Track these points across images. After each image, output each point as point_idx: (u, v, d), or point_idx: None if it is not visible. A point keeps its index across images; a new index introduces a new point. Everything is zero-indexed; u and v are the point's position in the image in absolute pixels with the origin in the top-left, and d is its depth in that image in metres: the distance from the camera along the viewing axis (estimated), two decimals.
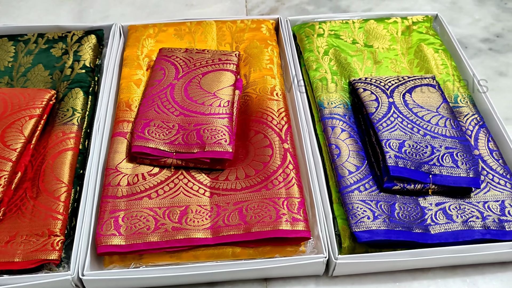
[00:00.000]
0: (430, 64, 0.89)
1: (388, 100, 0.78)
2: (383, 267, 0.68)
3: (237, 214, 0.68)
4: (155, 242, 0.65)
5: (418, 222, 0.68)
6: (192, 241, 0.66)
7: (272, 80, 0.84)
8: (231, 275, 0.67)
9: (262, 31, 0.94)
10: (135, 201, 0.69)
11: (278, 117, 0.79)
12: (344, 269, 0.67)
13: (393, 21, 0.97)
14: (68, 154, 0.74)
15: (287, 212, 0.67)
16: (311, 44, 0.91)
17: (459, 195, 0.72)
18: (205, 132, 0.73)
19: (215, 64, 0.83)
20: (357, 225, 0.66)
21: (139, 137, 0.73)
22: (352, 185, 0.70)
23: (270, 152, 0.74)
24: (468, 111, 0.82)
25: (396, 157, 0.70)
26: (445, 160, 0.72)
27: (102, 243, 0.65)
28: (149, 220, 0.67)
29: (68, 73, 0.85)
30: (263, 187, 0.70)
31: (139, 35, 0.92)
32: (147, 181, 0.71)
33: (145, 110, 0.77)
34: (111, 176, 0.71)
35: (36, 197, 0.69)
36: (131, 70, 0.86)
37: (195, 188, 0.71)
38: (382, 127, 0.74)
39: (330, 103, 0.81)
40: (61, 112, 0.79)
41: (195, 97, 0.78)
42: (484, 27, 1.06)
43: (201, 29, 0.94)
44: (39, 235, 0.65)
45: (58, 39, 0.91)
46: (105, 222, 0.66)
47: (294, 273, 0.69)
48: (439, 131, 0.75)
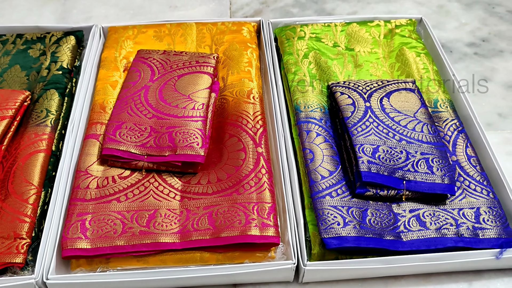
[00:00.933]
0: (411, 68, 0.88)
1: (365, 104, 0.77)
2: (354, 274, 0.67)
3: (206, 219, 0.67)
4: (122, 246, 0.65)
5: (390, 229, 0.67)
6: (159, 245, 0.65)
7: (250, 83, 0.83)
8: (199, 280, 0.66)
9: (243, 34, 0.93)
10: (103, 204, 0.68)
11: (254, 121, 0.78)
12: (313, 275, 0.66)
13: (375, 24, 0.96)
14: (39, 156, 0.73)
15: (257, 217, 0.67)
16: (291, 47, 0.90)
17: (434, 202, 0.71)
18: (177, 135, 0.73)
19: (192, 67, 0.83)
20: (326, 231, 0.65)
21: (110, 140, 0.72)
22: (324, 190, 0.69)
23: (243, 156, 0.73)
24: (448, 116, 0.81)
25: (369, 163, 0.69)
26: (420, 166, 0.71)
27: (68, 246, 0.64)
28: (116, 224, 0.66)
29: (44, 74, 0.84)
30: (234, 191, 0.70)
31: (118, 37, 0.91)
32: (117, 184, 0.70)
33: (118, 112, 0.76)
34: (80, 179, 0.70)
35: (4, 199, 0.68)
36: (108, 72, 0.85)
37: (165, 191, 0.70)
38: (357, 132, 0.73)
39: (306, 107, 0.80)
40: (35, 113, 0.78)
41: (169, 99, 0.77)
42: (470, 31, 1.05)
43: (181, 31, 0.93)
44: (4, 238, 0.65)
45: (37, 39, 0.91)
46: (71, 225, 0.66)
47: (263, 279, 0.68)
48: (415, 136, 0.74)
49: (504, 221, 0.68)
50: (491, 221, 0.68)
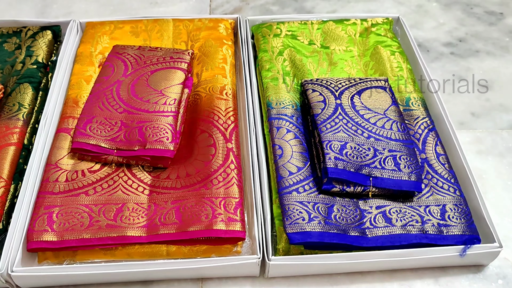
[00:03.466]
0: (385, 67, 0.88)
1: (335, 101, 0.78)
2: (319, 269, 0.68)
3: (173, 213, 0.68)
4: (88, 239, 0.65)
5: (356, 225, 0.68)
6: (125, 238, 0.65)
7: (224, 79, 0.84)
8: (165, 274, 0.66)
9: (219, 30, 0.93)
10: (71, 198, 0.68)
11: (225, 117, 0.78)
12: (278, 270, 0.67)
13: (352, 23, 0.96)
14: (10, 149, 0.73)
15: (223, 212, 0.67)
16: (266, 44, 0.91)
17: (401, 199, 0.71)
18: (147, 130, 0.73)
19: (166, 62, 0.83)
20: (291, 226, 0.65)
21: (80, 134, 0.73)
22: (291, 186, 0.70)
23: (213, 151, 0.73)
24: (419, 114, 0.81)
25: (336, 159, 0.70)
26: (387, 163, 0.71)
27: (34, 239, 0.64)
28: (83, 217, 0.67)
29: (18, 68, 0.84)
30: (202, 186, 0.70)
31: (94, 32, 0.92)
32: (86, 178, 0.71)
33: (89, 106, 0.76)
34: (50, 172, 0.71)
35: None
36: (83, 67, 0.85)
37: (134, 186, 0.71)
38: (326, 129, 0.74)
39: (278, 104, 0.80)
40: (7, 107, 0.78)
41: (141, 94, 0.77)
42: (447, 31, 1.06)
43: (158, 27, 0.94)
44: None
45: (13, 33, 0.91)
46: (38, 218, 0.66)
47: (230, 273, 0.68)
48: (384, 134, 0.74)
49: (469, 218, 0.69)
50: (456, 218, 0.69)
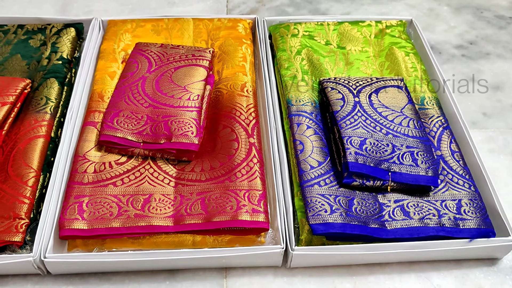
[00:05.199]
0: (400, 67, 0.91)
1: (354, 99, 0.80)
2: (339, 260, 0.70)
3: (199, 204, 0.70)
4: (117, 227, 0.67)
5: (375, 217, 0.70)
6: (153, 228, 0.68)
7: (244, 77, 0.86)
8: (191, 263, 0.68)
9: (238, 30, 0.96)
10: (100, 188, 0.70)
11: (247, 113, 0.81)
12: (300, 260, 0.69)
13: (367, 24, 0.99)
14: (39, 141, 0.75)
15: (248, 204, 0.69)
16: (284, 43, 0.93)
17: (418, 194, 0.74)
18: (173, 124, 0.75)
19: (188, 60, 0.85)
20: (313, 218, 0.68)
21: (107, 127, 0.75)
22: (313, 179, 0.72)
23: (236, 146, 0.76)
24: (434, 113, 0.84)
25: (356, 154, 0.72)
26: (405, 158, 0.74)
27: (65, 226, 0.66)
28: (112, 207, 0.69)
29: (44, 64, 0.87)
30: (226, 179, 0.72)
31: (117, 30, 0.94)
32: (114, 169, 0.73)
33: (115, 101, 0.79)
34: (78, 163, 0.73)
35: (4, 181, 0.71)
36: (107, 63, 0.88)
37: (160, 178, 0.73)
38: (346, 125, 0.76)
39: (298, 101, 0.83)
40: (34, 100, 0.81)
41: (165, 90, 0.80)
42: (458, 34, 1.08)
43: (178, 26, 0.96)
44: (4, 218, 0.67)
45: (38, 30, 0.93)
46: (69, 207, 0.68)
47: (253, 263, 0.70)
48: (401, 131, 0.77)
49: (484, 213, 0.72)
50: (472, 212, 0.71)
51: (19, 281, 0.68)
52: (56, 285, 0.68)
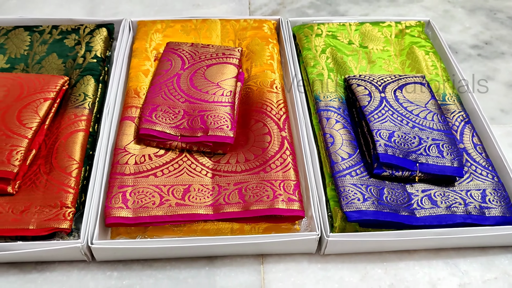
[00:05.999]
0: (421, 65, 0.95)
1: (380, 95, 0.84)
2: (371, 246, 0.73)
3: (236, 194, 0.73)
4: (160, 216, 0.70)
5: (405, 205, 0.73)
6: (194, 216, 0.71)
7: (272, 74, 0.90)
8: (229, 249, 0.71)
9: (264, 30, 0.99)
10: (141, 178, 0.74)
11: (277, 108, 0.84)
12: (335, 247, 0.72)
13: (387, 25, 1.03)
14: (79, 134, 0.78)
15: (283, 193, 0.72)
16: (309, 43, 0.97)
17: (444, 184, 0.77)
18: (209, 118, 0.79)
19: (219, 58, 0.89)
20: (348, 206, 0.71)
21: (146, 121, 0.78)
22: (345, 170, 0.75)
23: (268, 139, 0.79)
24: (455, 109, 0.87)
25: (386, 146, 0.76)
26: (432, 150, 0.77)
27: (111, 214, 0.69)
28: (154, 196, 0.72)
29: (80, 62, 0.90)
30: (261, 170, 0.76)
31: (147, 30, 0.98)
32: (153, 161, 0.76)
33: (152, 96, 0.82)
34: (119, 155, 0.76)
35: (49, 173, 0.74)
36: (140, 61, 0.91)
37: (198, 169, 0.76)
38: (374, 119, 0.79)
39: (326, 97, 0.86)
40: (73, 96, 0.84)
41: (199, 86, 0.83)
42: (473, 34, 1.12)
43: (206, 26, 1.00)
44: (51, 206, 0.70)
45: (71, 31, 0.97)
46: (113, 196, 0.71)
47: (288, 249, 0.73)
48: (427, 124, 0.80)
49: (508, 202, 0.75)
50: (496, 201, 0.75)
51: (65, 267, 0.71)
52: (100, 271, 0.71)
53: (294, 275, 0.72)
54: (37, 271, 0.71)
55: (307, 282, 0.71)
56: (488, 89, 1.00)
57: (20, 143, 0.74)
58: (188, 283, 0.70)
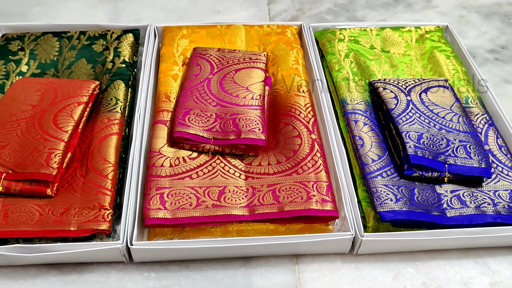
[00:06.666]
0: (442, 69, 0.96)
1: (406, 98, 0.85)
2: (403, 246, 0.75)
3: (270, 195, 0.74)
4: (198, 217, 0.71)
5: (436, 206, 0.75)
6: (231, 217, 0.72)
7: (298, 78, 0.92)
8: (265, 250, 0.73)
9: (287, 35, 1.01)
10: (177, 180, 0.75)
11: (305, 111, 0.86)
12: (369, 246, 0.73)
13: (407, 30, 1.05)
14: (113, 138, 0.80)
15: (317, 194, 0.74)
16: (333, 47, 0.99)
17: (472, 185, 0.78)
18: (241, 121, 0.80)
19: (246, 62, 0.90)
20: (381, 206, 0.72)
21: (180, 124, 0.79)
22: (376, 171, 0.77)
23: (299, 142, 0.81)
24: (478, 111, 0.89)
25: (415, 147, 0.77)
26: (459, 151, 0.79)
27: (150, 216, 0.71)
28: (191, 197, 0.73)
29: (109, 67, 0.92)
30: (293, 172, 0.77)
31: (174, 35, 0.99)
32: (188, 164, 0.77)
33: (184, 100, 0.83)
34: (154, 158, 0.77)
35: (85, 175, 0.75)
36: (168, 66, 0.93)
37: (231, 171, 0.78)
38: (402, 121, 0.81)
39: (352, 100, 0.88)
40: (105, 101, 0.85)
41: (230, 90, 0.85)
42: (490, 39, 1.14)
43: (231, 32, 1.02)
44: (90, 208, 0.71)
45: (99, 36, 0.98)
46: (151, 198, 0.72)
47: (322, 250, 0.75)
48: (453, 126, 0.82)
49: None
50: None
51: (104, 268, 0.72)
52: (138, 272, 0.72)
53: (329, 275, 0.73)
54: (76, 272, 0.72)
55: (341, 282, 0.72)
56: (507, 92, 1.01)
57: (58, 146, 0.75)
58: (225, 283, 0.72)
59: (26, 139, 0.76)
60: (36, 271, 0.72)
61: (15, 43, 0.96)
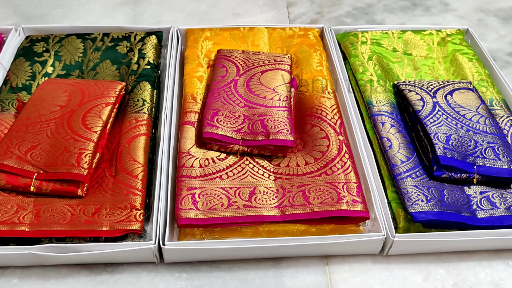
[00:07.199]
0: (465, 71, 0.97)
1: (432, 99, 0.86)
2: (433, 247, 0.74)
3: (301, 195, 0.74)
4: (230, 217, 0.71)
5: (466, 207, 0.75)
6: (262, 217, 0.72)
7: (323, 80, 0.92)
8: (296, 250, 0.73)
9: (310, 38, 1.02)
10: (208, 181, 0.75)
11: (332, 113, 0.86)
12: (400, 247, 0.73)
13: (428, 33, 1.05)
14: (141, 138, 0.80)
15: (347, 195, 0.74)
16: (356, 50, 0.99)
17: (500, 186, 0.78)
18: (269, 122, 0.80)
19: (271, 64, 0.91)
20: (413, 207, 0.72)
21: (209, 125, 0.80)
22: (405, 172, 0.77)
23: (327, 143, 0.81)
24: (503, 113, 0.89)
25: (445, 148, 0.77)
26: (488, 153, 0.79)
27: (182, 216, 0.71)
28: (222, 198, 0.73)
29: (135, 68, 0.92)
30: (323, 172, 0.77)
31: (197, 37, 0.99)
32: (217, 165, 0.77)
33: (212, 101, 0.84)
34: (184, 159, 0.77)
35: (115, 176, 0.75)
36: (193, 68, 0.93)
37: (260, 172, 0.78)
38: (430, 123, 0.81)
39: (378, 102, 0.88)
40: (132, 102, 0.85)
41: (257, 91, 0.85)
42: (509, 42, 1.15)
43: (253, 34, 1.02)
44: (121, 208, 0.71)
45: (122, 38, 0.99)
46: (183, 198, 0.72)
47: (353, 250, 0.75)
48: (480, 128, 0.82)
49: None
50: None
51: (134, 268, 0.72)
52: (169, 273, 0.72)
53: (359, 275, 0.73)
54: (107, 272, 0.72)
55: (372, 282, 0.72)
56: None
57: (87, 146, 0.75)
58: (257, 284, 0.71)
59: (56, 139, 0.76)
60: (67, 271, 0.72)
61: (40, 45, 0.96)
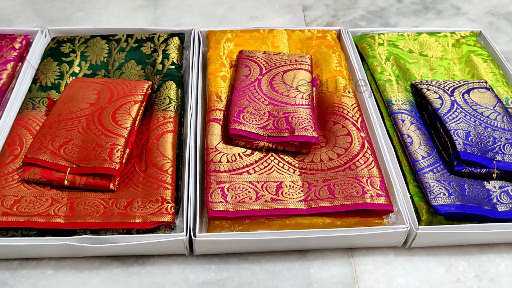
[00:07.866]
0: (480, 72, 0.99)
1: (450, 98, 0.88)
2: (455, 239, 0.77)
3: (326, 190, 0.77)
4: (258, 210, 0.74)
5: (486, 200, 0.77)
6: (289, 210, 0.74)
7: (343, 80, 0.94)
8: (322, 242, 0.75)
9: (328, 39, 1.04)
10: (236, 175, 0.77)
11: (353, 111, 0.88)
12: (423, 239, 0.75)
13: (443, 35, 1.08)
14: (169, 135, 0.82)
15: (371, 189, 0.76)
16: (373, 51, 1.02)
17: None
18: (293, 119, 0.82)
19: (292, 64, 0.93)
20: (435, 200, 0.75)
21: (235, 121, 0.82)
22: (427, 167, 0.79)
23: (349, 140, 0.83)
24: None
25: (465, 144, 0.80)
26: (506, 148, 0.81)
27: (212, 208, 0.73)
28: (250, 192, 0.75)
29: (159, 68, 0.94)
30: (346, 168, 0.79)
31: (219, 38, 1.02)
32: (244, 160, 0.80)
33: (237, 99, 0.86)
34: (212, 154, 0.80)
35: (145, 170, 0.77)
36: (216, 68, 0.95)
37: (285, 167, 0.80)
38: (449, 120, 0.84)
39: (397, 101, 0.91)
40: (158, 100, 0.88)
41: (280, 90, 0.87)
42: None
43: (273, 36, 1.05)
44: (153, 202, 0.73)
45: (146, 39, 1.01)
46: (213, 192, 0.75)
47: (377, 243, 0.77)
48: (498, 125, 0.84)
49: None
50: None
51: (164, 260, 0.74)
52: (199, 265, 0.74)
53: (384, 267, 0.75)
54: (138, 264, 0.74)
55: (396, 274, 0.74)
56: None
57: (119, 142, 0.77)
58: (284, 275, 0.73)
59: (88, 135, 0.78)
60: (99, 263, 0.74)
61: (66, 46, 0.99)
